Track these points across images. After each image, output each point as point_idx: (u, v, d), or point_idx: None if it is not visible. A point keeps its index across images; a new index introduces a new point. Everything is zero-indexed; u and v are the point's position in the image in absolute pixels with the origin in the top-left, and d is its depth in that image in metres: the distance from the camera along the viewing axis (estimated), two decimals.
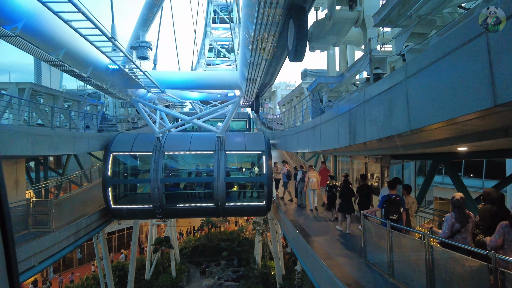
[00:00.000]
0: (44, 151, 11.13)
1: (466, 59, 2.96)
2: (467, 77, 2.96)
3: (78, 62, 9.93)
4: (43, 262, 10.11)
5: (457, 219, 4.99)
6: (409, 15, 4.51)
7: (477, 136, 4.27)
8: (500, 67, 2.60)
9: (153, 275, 28.65)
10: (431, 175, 8.53)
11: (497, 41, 2.63)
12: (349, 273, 6.97)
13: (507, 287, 3.64)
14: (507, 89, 2.54)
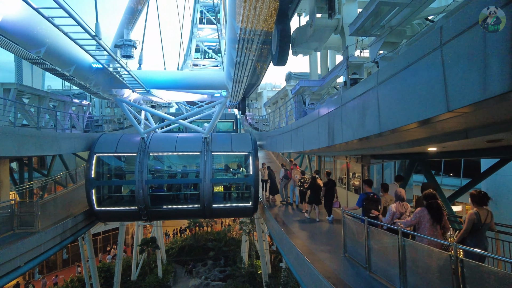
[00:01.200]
0: (30, 151, 11.10)
1: (425, 69, 3.33)
2: (427, 86, 3.33)
3: (60, 61, 9.72)
4: (29, 263, 10.12)
5: (397, 209, 6.36)
6: (381, 26, 4.89)
7: (442, 137, 4.67)
8: (451, 78, 2.97)
9: (140, 276, 28.57)
10: (408, 174, 8.99)
11: (449, 55, 3.00)
12: (330, 267, 7.32)
13: (465, 273, 4.03)
14: (457, 98, 2.90)
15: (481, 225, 5.06)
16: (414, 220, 5.51)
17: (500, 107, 2.94)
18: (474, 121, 3.68)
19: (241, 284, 26.07)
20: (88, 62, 11.13)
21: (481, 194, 5.16)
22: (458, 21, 2.89)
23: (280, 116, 15.12)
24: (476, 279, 4.00)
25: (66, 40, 8.32)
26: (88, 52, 9.44)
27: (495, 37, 2.49)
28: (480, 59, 2.64)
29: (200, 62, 39.20)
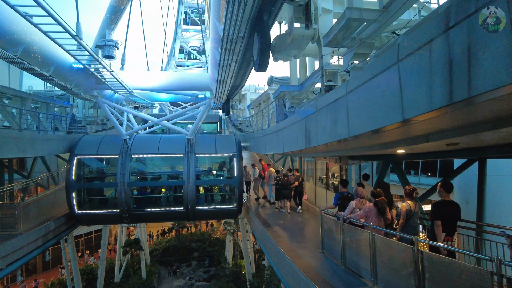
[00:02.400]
0: (12, 153, 11.02)
1: (386, 81, 3.74)
2: (387, 96, 3.74)
3: (39, 60, 9.41)
4: (11, 265, 10.10)
5: (357, 205, 7.19)
6: (352, 38, 5.30)
7: (406, 141, 5.13)
8: (406, 91, 3.38)
9: (123, 277, 28.37)
10: (382, 174, 9.50)
11: (404, 71, 3.41)
12: (309, 263, 7.73)
13: (424, 263, 4.48)
14: (410, 108, 3.32)
15: (412, 214, 6.16)
16: (363, 214, 6.64)
17: (447, 116, 3.37)
18: (430, 128, 4.12)
19: (225, 284, 26.30)
20: (69, 62, 10.86)
21: (411, 190, 6.26)
22: (411, 40, 3.31)
23: (263, 119, 15.39)
24: (433, 268, 4.45)
25: (45, 39, 8.05)
26: (69, 52, 9.22)
27: (438, 58, 2.91)
28: (427, 75, 3.06)
29: (184, 63, 39.14)
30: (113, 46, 12.71)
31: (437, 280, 4.37)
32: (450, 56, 2.78)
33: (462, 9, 2.63)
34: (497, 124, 3.60)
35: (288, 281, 8.19)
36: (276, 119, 10.77)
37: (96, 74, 11.88)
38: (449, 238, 5.46)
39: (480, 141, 5.45)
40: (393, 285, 5.36)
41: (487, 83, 2.42)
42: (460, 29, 2.66)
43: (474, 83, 2.53)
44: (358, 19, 4.70)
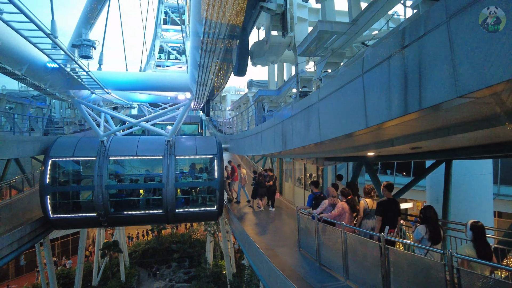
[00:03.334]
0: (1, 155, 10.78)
1: (352, 92, 4.06)
2: (354, 105, 4.07)
3: (11, 59, 9.13)
4: None
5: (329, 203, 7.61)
6: (325, 48, 5.63)
7: (374, 145, 5.51)
8: (369, 101, 3.72)
9: (101, 280, 27.89)
10: (356, 175, 9.97)
11: (368, 82, 3.74)
12: (286, 261, 8.04)
13: (390, 259, 4.85)
14: (372, 117, 3.65)
15: (369, 211, 6.76)
16: (337, 213, 7.06)
17: (407, 124, 3.73)
18: (394, 133, 4.50)
19: (205, 284, 26.36)
20: (43, 61, 10.48)
21: (369, 189, 6.95)
22: (374, 55, 3.64)
23: (243, 121, 15.53)
24: (397, 262, 4.83)
25: (18, 38, 7.81)
26: (43, 51, 8.96)
27: (395, 73, 3.25)
28: (386, 88, 3.40)
29: (164, 63, 38.77)
30: (90, 46, 12.33)
31: (400, 273, 4.75)
32: (405, 71, 3.12)
33: (414, 31, 2.97)
34: (451, 130, 3.99)
35: (266, 279, 8.48)
36: (255, 122, 11.04)
37: (72, 74, 11.57)
38: (392, 230, 6.21)
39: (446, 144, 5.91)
40: (363, 280, 5.74)
41: (434, 98, 2.76)
42: (413, 48, 3.00)
43: (424, 97, 2.88)
44: (329, 31, 5.04)
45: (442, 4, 2.61)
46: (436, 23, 2.69)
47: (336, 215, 6.93)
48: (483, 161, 11.69)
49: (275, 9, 6.59)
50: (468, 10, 2.39)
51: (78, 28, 12.87)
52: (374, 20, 4.74)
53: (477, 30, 2.32)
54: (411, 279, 4.56)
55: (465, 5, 2.41)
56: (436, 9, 2.69)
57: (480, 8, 2.29)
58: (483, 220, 7.06)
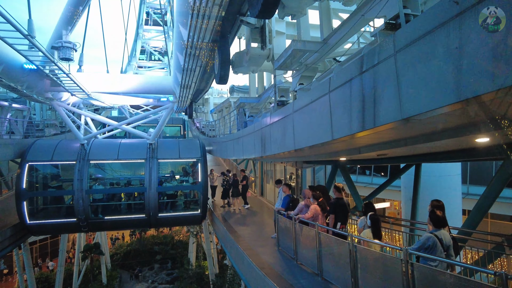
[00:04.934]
0: None
1: (321, 107, 4.55)
2: (321, 118, 4.55)
3: None
4: None
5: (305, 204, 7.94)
6: (300, 63, 6.11)
7: (344, 152, 6.03)
8: (334, 116, 4.21)
9: (82, 284, 27.52)
10: (332, 177, 10.55)
11: (333, 100, 4.23)
12: (265, 260, 8.49)
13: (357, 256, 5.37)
14: (337, 131, 4.14)
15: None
16: (310, 214, 7.44)
17: (367, 137, 4.23)
18: (359, 143, 5.02)
19: (188, 285, 26.50)
20: (20, 62, 10.19)
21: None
22: (339, 76, 4.13)
23: (225, 125, 15.73)
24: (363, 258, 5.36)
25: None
26: (20, 52, 8.67)
27: (356, 94, 3.74)
28: (348, 106, 3.89)
29: (146, 64, 38.56)
30: (70, 48, 12.00)
31: (366, 267, 5.28)
32: (363, 93, 3.62)
33: (370, 59, 3.47)
34: (408, 141, 4.54)
35: (247, 278, 8.90)
36: (237, 127, 11.44)
37: (51, 76, 11.29)
38: (343, 226, 6.99)
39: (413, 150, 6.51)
40: (335, 276, 6.25)
41: (385, 118, 3.26)
42: (369, 74, 3.50)
43: (377, 116, 3.38)
44: (301, 49, 5.52)
45: (391, 39, 3.11)
46: (386, 54, 3.19)
47: (309, 217, 7.41)
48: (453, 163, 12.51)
49: (254, 23, 7.02)
50: (411, 47, 2.89)
51: (57, 29, 12.46)
52: (343, 41, 5.25)
53: (416, 64, 2.83)
54: (375, 272, 5.09)
55: (407, 43, 2.91)
56: (386, 44, 3.19)
57: (418, 47, 2.79)
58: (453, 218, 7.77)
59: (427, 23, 2.64)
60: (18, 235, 13.35)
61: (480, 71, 2.22)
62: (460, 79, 2.36)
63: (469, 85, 2.30)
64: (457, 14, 2.37)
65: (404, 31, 2.96)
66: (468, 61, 2.31)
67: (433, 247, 4.45)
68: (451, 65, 2.42)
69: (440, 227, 4.71)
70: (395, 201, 25.16)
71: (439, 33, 2.53)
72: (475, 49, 2.26)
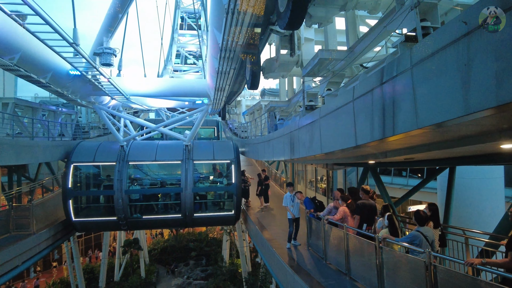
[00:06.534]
0: (25, 160, 11.95)
1: (346, 114, 4.79)
2: (346, 125, 4.79)
3: (36, 67, 9.34)
4: (26, 262, 11.13)
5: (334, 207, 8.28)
6: (327, 69, 6.35)
7: (370, 156, 6.20)
8: (358, 123, 4.44)
9: (123, 276, 29.16)
10: (363, 179, 10.61)
11: (357, 108, 4.46)
12: (295, 259, 8.81)
13: (382, 255, 5.53)
14: (360, 137, 4.37)
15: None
16: (339, 216, 7.68)
17: (390, 143, 4.42)
18: (384, 148, 5.19)
19: (222, 282, 27.19)
20: (66, 69, 10.78)
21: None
22: (362, 86, 4.36)
23: (256, 127, 16.04)
24: (389, 259, 5.52)
25: (42, 46, 8.15)
26: (66, 59, 9.33)
27: (376, 103, 3.96)
28: (370, 114, 4.11)
29: (181, 68, 39.90)
30: (111, 54, 12.78)
31: (391, 268, 5.44)
32: (383, 103, 3.83)
33: (389, 71, 3.68)
34: (431, 146, 4.66)
35: (278, 276, 9.25)
36: (268, 129, 11.79)
37: (93, 81, 11.97)
38: (369, 227, 7.09)
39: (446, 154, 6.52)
40: (362, 275, 6.43)
41: (403, 127, 3.47)
42: (389, 85, 3.71)
43: (396, 125, 3.59)
44: (328, 58, 5.76)
45: (408, 54, 3.33)
46: (403, 68, 3.40)
47: (338, 219, 7.60)
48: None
49: (283, 32, 7.33)
50: (425, 62, 3.10)
51: (99, 37, 13.40)
52: (368, 49, 5.43)
53: (430, 78, 3.03)
54: (400, 273, 5.25)
55: (422, 58, 3.12)
56: (404, 57, 3.40)
57: (431, 63, 2.99)
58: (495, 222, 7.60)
59: (438, 41, 2.85)
60: (68, 229, 14.60)
61: (486, 87, 2.42)
62: (468, 93, 2.56)
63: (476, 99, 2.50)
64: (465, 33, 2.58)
65: (419, 47, 3.16)
66: (475, 77, 2.50)
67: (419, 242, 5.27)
68: (460, 81, 2.63)
69: (423, 224, 5.52)
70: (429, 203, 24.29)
71: (449, 50, 2.74)
72: (481, 66, 2.46)
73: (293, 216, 9.51)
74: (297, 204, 9.57)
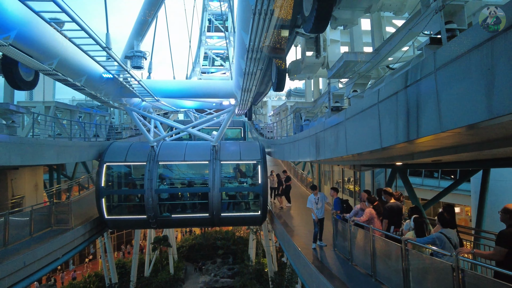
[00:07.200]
0: (65, 159, 12.80)
1: (370, 116, 4.82)
2: (371, 127, 4.82)
3: (72, 71, 9.77)
4: (66, 255, 11.91)
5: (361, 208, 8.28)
6: (353, 71, 6.36)
7: (397, 158, 6.15)
8: (383, 125, 4.47)
9: (152, 272, 30.18)
10: (391, 180, 10.45)
11: (382, 110, 4.49)
12: (321, 259, 8.86)
13: (408, 258, 5.50)
14: (385, 139, 4.40)
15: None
16: (365, 218, 7.60)
17: (415, 145, 4.42)
18: (411, 150, 5.16)
19: (248, 280, 27.46)
20: (99, 72, 11.24)
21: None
22: (386, 89, 4.39)
23: (282, 128, 16.12)
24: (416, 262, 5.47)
25: (78, 51, 8.55)
26: (99, 63, 9.86)
27: (401, 106, 3.98)
28: (394, 117, 4.14)
29: (208, 69, 40.69)
30: (141, 56, 13.03)
31: (417, 271, 5.39)
32: (408, 106, 3.86)
33: (414, 75, 3.71)
34: (459, 149, 4.60)
35: (303, 276, 9.32)
36: (293, 130, 11.87)
37: (124, 84, 12.39)
38: (397, 229, 7.10)
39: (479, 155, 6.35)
40: (388, 277, 6.39)
41: (426, 130, 3.49)
42: (413, 88, 3.73)
43: (420, 128, 3.61)
44: (352, 61, 5.78)
45: (432, 58, 3.35)
46: (427, 72, 3.42)
47: (364, 220, 7.58)
48: None
49: (309, 34, 7.40)
50: (448, 66, 3.12)
51: (130, 40, 13.87)
52: (394, 51, 5.41)
53: (453, 82, 3.05)
54: (427, 277, 5.19)
55: (446, 62, 3.14)
56: (428, 61, 3.42)
57: (454, 67, 3.01)
58: None
59: (462, 45, 2.87)
60: (101, 226, 15.38)
61: (509, 91, 2.43)
62: (491, 98, 2.57)
63: (499, 104, 2.51)
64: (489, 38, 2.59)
65: (442, 50, 3.18)
66: (498, 82, 2.52)
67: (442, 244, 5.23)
68: (484, 85, 2.64)
69: (447, 227, 5.43)
70: (466, 206, 23.32)
71: (473, 55, 2.75)
72: (504, 71, 2.47)
73: (317, 218, 9.55)
74: (322, 205, 9.63)
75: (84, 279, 27.25)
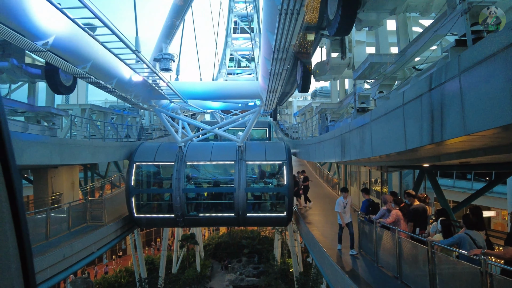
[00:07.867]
0: (99, 159, 13.54)
1: (395, 118, 4.84)
2: (396, 129, 4.84)
3: (104, 74, 10.03)
4: (101, 249, 12.60)
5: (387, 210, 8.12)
6: (378, 72, 6.35)
7: (423, 160, 6.09)
8: (408, 127, 4.49)
9: (180, 269, 30.97)
10: (419, 182, 10.25)
11: (406, 112, 4.51)
12: (346, 261, 8.87)
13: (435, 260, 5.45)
14: (410, 141, 4.42)
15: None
16: (391, 219, 7.54)
17: (439, 147, 4.41)
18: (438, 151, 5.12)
19: (273, 280, 27.55)
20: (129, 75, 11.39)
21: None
22: (411, 91, 4.41)
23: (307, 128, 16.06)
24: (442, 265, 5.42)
25: (109, 55, 8.83)
26: (129, 65, 10.09)
27: (425, 109, 4.00)
28: (419, 119, 4.16)
29: (234, 71, 41.12)
30: (169, 59, 13.14)
31: (444, 273, 5.34)
32: (432, 109, 3.87)
33: (438, 77, 3.72)
34: (487, 151, 4.53)
35: (329, 277, 9.36)
36: (319, 131, 11.88)
37: (153, 86, 12.69)
38: (422, 232, 7.02)
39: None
40: (414, 280, 6.35)
41: (450, 133, 3.51)
42: (437, 91, 3.75)
43: (444, 131, 3.62)
44: (378, 62, 5.79)
45: (456, 61, 3.36)
46: (452, 74, 3.44)
47: (390, 222, 7.52)
48: None
49: None
50: (473, 69, 3.13)
51: (158, 43, 14.24)
52: (420, 52, 5.37)
53: (477, 86, 3.06)
54: (454, 280, 5.13)
55: (470, 66, 3.15)
56: (452, 64, 3.44)
57: (479, 70, 3.03)
58: None
59: (486, 48, 2.89)
60: (132, 223, 16.05)
61: None
62: None
63: None
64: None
65: (467, 54, 3.20)
66: None
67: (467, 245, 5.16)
68: (509, 89, 2.66)
69: (472, 228, 5.36)
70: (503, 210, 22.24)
71: (498, 58, 2.77)
72: None
73: (343, 223, 9.45)
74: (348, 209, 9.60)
75: (115, 274, 28.49)
